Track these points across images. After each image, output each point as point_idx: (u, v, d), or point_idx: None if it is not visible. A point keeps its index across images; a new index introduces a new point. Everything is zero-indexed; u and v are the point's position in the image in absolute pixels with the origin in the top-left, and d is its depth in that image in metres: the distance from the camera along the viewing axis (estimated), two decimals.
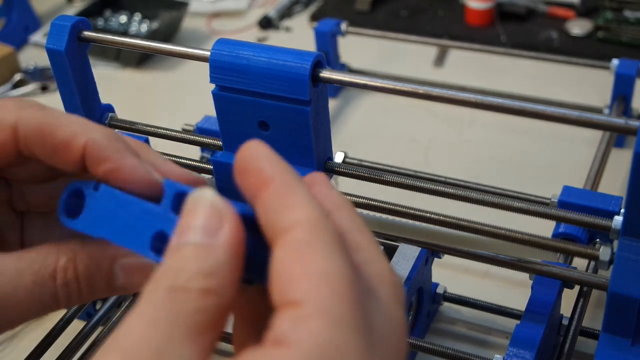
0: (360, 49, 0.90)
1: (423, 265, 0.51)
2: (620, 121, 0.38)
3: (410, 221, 0.46)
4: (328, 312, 0.24)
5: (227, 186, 0.46)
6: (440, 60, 0.90)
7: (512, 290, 0.59)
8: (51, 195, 0.36)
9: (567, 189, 0.54)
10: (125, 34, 0.98)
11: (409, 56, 0.91)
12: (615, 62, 0.71)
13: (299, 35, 0.98)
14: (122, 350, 0.24)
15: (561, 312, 0.50)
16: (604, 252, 0.43)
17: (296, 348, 0.24)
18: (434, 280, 0.54)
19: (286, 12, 1.03)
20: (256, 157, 0.28)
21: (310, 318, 0.24)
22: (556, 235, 0.52)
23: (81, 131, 0.32)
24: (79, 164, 0.32)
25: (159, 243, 0.29)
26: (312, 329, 0.24)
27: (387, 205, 0.45)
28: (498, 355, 0.45)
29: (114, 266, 0.32)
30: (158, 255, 0.29)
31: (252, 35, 0.99)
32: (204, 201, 0.27)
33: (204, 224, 0.27)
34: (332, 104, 0.83)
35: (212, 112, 0.47)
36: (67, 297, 0.32)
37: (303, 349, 0.24)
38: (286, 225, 0.26)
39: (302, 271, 0.25)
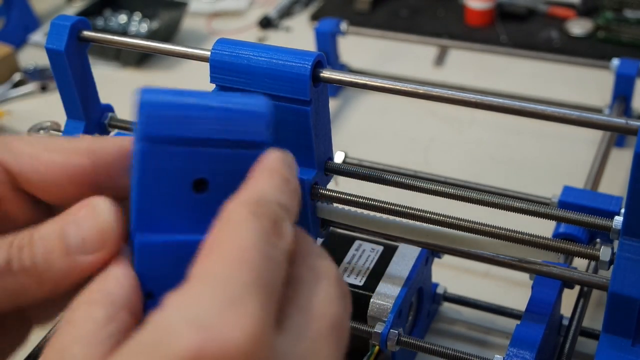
0: (360, 49, 0.90)
1: (423, 265, 0.51)
2: (620, 121, 0.38)
3: (410, 221, 0.46)
4: (207, 279, 0.26)
5: None
6: (440, 60, 0.90)
7: (512, 290, 0.59)
8: None
9: (567, 189, 0.53)
10: (125, 33, 0.98)
11: (409, 56, 0.91)
12: (615, 62, 0.71)
13: (299, 35, 0.98)
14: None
15: (561, 312, 0.50)
16: (605, 253, 0.43)
17: (163, 311, 0.25)
18: (434, 280, 0.54)
19: (286, 12, 1.03)
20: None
21: (187, 284, 0.26)
22: (556, 235, 0.52)
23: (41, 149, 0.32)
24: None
25: None
26: (184, 294, 0.25)
27: (387, 205, 0.45)
28: (498, 356, 0.45)
29: (65, 227, 0.31)
30: None
31: (252, 35, 0.99)
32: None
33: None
34: (332, 104, 0.83)
35: None
36: (31, 282, 0.30)
37: (168, 311, 0.25)
38: (228, 208, 0.28)
39: (214, 249, 0.27)
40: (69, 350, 0.26)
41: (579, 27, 0.91)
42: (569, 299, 0.50)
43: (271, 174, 0.30)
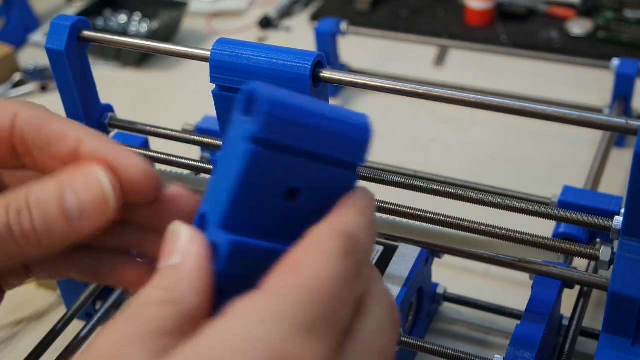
0: (360, 49, 0.90)
1: (423, 265, 0.51)
2: (620, 121, 0.38)
3: (410, 221, 0.46)
4: (280, 296, 0.26)
5: None
6: (440, 60, 0.90)
7: (512, 290, 0.59)
8: None
9: (567, 189, 0.53)
10: (125, 33, 0.98)
11: (409, 56, 0.91)
12: (615, 62, 0.71)
13: (299, 35, 0.98)
14: (85, 355, 0.26)
15: (561, 313, 0.50)
16: (605, 253, 0.43)
17: (229, 319, 0.25)
18: (434, 280, 0.54)
19: (286, 12, 1.03)
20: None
21: (259, 295, 0.26)
22: (556, 235, 0.52)
23: (75, 126, 0.33)
24: (69, 158, 0.33)
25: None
26: (254, 304, 0.25)
27: (387, 205, 0.45)
28: (498, 356, 0.45)
29: (64, 193, 0.31)
30: None
31: (252, 35, 0.99)
32: (176, 231, 0.30)
33: (174, 250, 0.29)
34: (332, 104, 0.83)
35: (212, 112, 0.47)
36: (30, 246, 0.31)
37: (235, 320, 0.25)
38: (313, 232, 0.28)
39: (291, 266, 0.27)
40: (124, 350, 0.26)
41: (579, 27, 0.91)
42: (569, 299, 0.50)
43: (363, 213, 0.30)
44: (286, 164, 0.29)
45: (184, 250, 0.29)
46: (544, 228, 0.49)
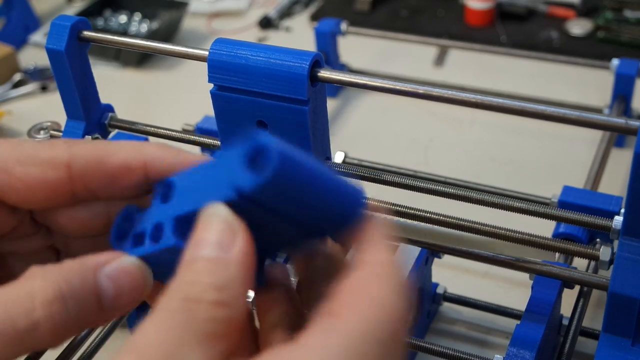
0: (360, 49, 0.90)
1: (423, 265, 0.51)
2: (620, 121, 0.38)
3: (410, 221, 0.46)
4: (365, 329, 0.26)
5: None
6: (440, 60, 0.90)
7: (512, 290, 0.59)
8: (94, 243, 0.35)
9: (567, 189, 0.53)
10: (125, 34, 0.98)
11: (409, 56, 0.91)
12: (615, 62, 0.71)
13: (299, 35, 0.98)
14: (137, 352, 0.25)
15: (561, 312, 0.50)
16: (604, 252, 0.43)
17: (316, 348, 0.25)
18: (434, 280, 0.54)
19: (286, 12, 1.03)
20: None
21: (344, 325, 0.26)
22: (556, 235, 0.52)
23: (136, 151, 0.32)
24: (140, 186, 0.32)
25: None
26: (341, 335, 0.25)
27: (387, 206, 0.45)
28: (498, 355, 0.45)
29: (98, 276, 0.29)
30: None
31: (252, 35, 0.99)
32: (218, 217, 0.28)
33: (217, 239, 0.27)
34: (332, 104, 0.83)
35: (212, 112, 0.47)
36: (52, 329, 0.28)
37: (322, 349, 0.25)
38: (369, 260, 0.29)
39: (362, 294, 0.27)
40: (181, 351, 0.25)
41: (579, 27, 0.91)
42: (569, 299, 0.50)
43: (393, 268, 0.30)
44: (261, 219, 0.28)
45: (229, 240, 0.27)
46: (544, 228, 0.49)
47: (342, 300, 0.27)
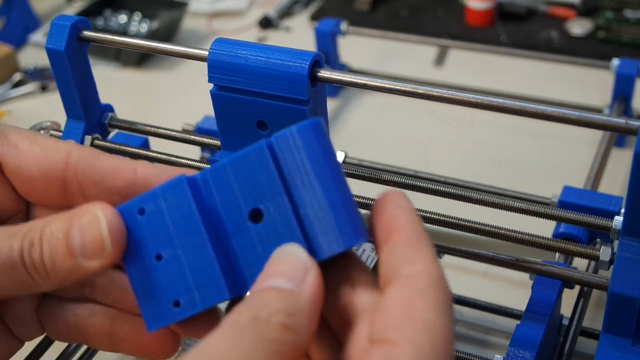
0: (360, 49, 0.90)
1: None
2: (620, 121, 0.38)
3: None
4: (421, 358, 0.26)
5: None
6: (440, 60, 0.90)
7: (512, 290, 0.59)
8: None
9: (567, 189, 0.53)
10: (125, 33, 0.98)
11: (409, 56, 0.91)
12: (615, 61, 0.71)
13: (299, 35, 0.98)
14: None
15: (561, 312, 0.50)
16: (605, 252, 0.43)
17: None
18: None
19: (286, 12, 1.03)
20: (395, 205, 0.31)
21: (403, 358, 0.26)
22: (556, 235, 0.52)
23: (128, 160, 0.35)
24: (128, 193, 0.34)
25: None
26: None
27: None
28: (498, 356, 0.45)
29: (72, 230, 0.32)
30: None
31: (252, 35, 0.99)
32: (291, 253, 0.29)
33: (290, 273, 0.29)
34: (332, 104, 0.83)
35: (212, 112, 0.47)
36: (39, 278, 0.32)
37: None
38: (408, 274, 0.29)
39: (410, 316, 0.27)
40: None
41: (579, 27, 0.91)
42: (569, 299, 0.50)
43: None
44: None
45: (300, 277, 0.29)
46: (544, 228, 0.49)
47: (391, 324, 0.27)
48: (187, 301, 0.31)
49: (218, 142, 0.50)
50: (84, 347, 0.52)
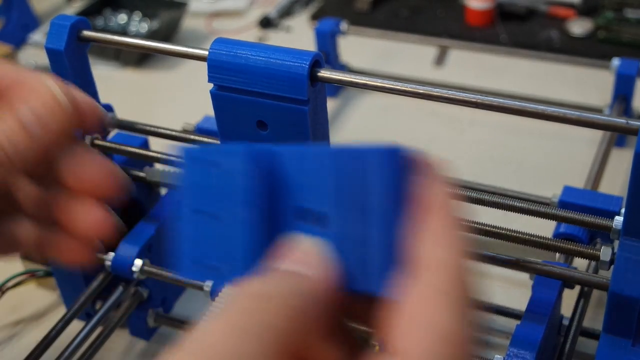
0: (360, 49, 0.90)
1: None
2: (620, 121, 0.38)
3: None
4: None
5: None
6: (440, 60, 0.90)
7: (512, 290, 0.59)
8: None
9: (567, 189, 0.53)
10: (124, 33, 0.98)
11: (409, 56, 0.91)
12: (615, 61, 0.71)
13: (299, 35, 0.98)
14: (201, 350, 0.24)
15: (561, 312, 0.50)
16: (605, 252, 0.43)
17: None
18: None
19: (286, 12, 1.03)
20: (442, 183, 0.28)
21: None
22: (557, 235, 0.52)
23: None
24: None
25: None
26: None
27: None
28: (498, 356, 0.45)
29: (17, 109, 0.34)
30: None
31: (252, 35, 0.99)
32: (306, 241, 0.28)
33: (301, 258, 0.27)
34: (332, 104, 0.83)
35: (212, 112, 0.47)
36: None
37: None
38: (428, 264, 0.26)
39: (422, 321, 0.25)
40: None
41: (579, 27, 0.91)
42: (569, 299, 0.50)
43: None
44: None
45: (315, 262, 0.27)
46: (544, 228, 0.49)
47: (403, 332, 0.26)
48: (222, 269, 0.30)
49: (218, 142, 0.50)
50: (84, 347, 0.52)
